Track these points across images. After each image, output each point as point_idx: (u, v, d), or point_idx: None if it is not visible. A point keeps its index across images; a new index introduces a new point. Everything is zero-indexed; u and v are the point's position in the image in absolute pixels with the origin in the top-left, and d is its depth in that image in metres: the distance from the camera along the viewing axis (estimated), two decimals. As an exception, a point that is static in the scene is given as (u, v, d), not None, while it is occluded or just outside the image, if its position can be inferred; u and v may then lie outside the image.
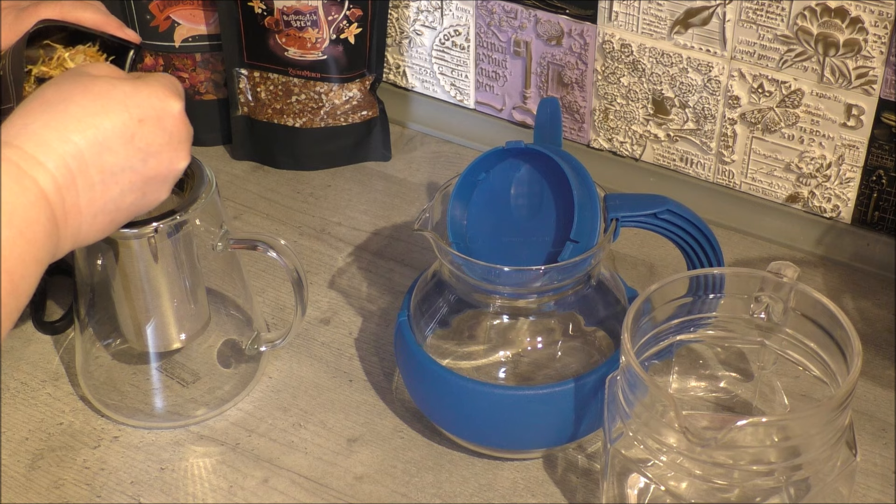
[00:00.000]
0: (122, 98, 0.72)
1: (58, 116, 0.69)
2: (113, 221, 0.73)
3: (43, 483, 0.87)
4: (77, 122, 0.70)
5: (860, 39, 0.94)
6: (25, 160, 0.67)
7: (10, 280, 0.65)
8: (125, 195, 0.73)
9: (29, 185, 0.67)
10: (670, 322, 0.82)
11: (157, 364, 0.92)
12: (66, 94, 0.71)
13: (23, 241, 0.66)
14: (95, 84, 0.72)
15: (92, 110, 0.70)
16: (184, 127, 0.76)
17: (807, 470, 0.73)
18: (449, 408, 0.86)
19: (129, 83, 0.73)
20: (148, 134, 0.73)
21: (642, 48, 1.04)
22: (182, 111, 0.75)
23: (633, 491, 0.80)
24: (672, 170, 1.09)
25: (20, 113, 0.70)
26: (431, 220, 0.85)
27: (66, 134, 0.69)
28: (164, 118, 0.74)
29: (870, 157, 0.99)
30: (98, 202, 0.71)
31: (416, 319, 0.87)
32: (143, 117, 0.72)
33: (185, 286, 0.87)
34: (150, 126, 0.73)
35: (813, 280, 1.02)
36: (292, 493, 0.86)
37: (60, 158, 0.68)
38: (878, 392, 0.92)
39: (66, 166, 0.69)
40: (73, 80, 0.72)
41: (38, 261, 0.67)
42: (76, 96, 0.71)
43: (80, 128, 0.70)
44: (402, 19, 1.15)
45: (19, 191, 0.66)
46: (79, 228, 0.71)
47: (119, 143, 0.71)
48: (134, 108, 0.72)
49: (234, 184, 1.14)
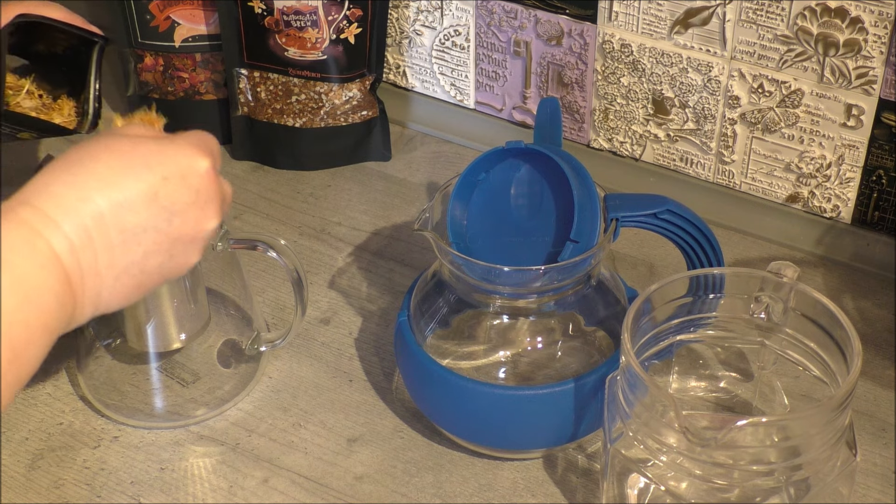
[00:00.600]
0: (146, 156, 0.70)
1: (80, 177, 0.67)
2: (139, 286, 0.70)
3: (43, 483, 0.87)
4: (98, 182, 0.67)
5: (860, 39, 0.94)
6: (41, 220, 0.65)
7: (10, 349, 0.61)
8: (149, 257, 0.70)
9: (41, 248, 0.64)
10: (670, 322, 0.82)
11: (157, 364, 0.92)
12: (91, 154, 0.69)
13: (29, 307, 0.63)
14: (121, 143, 0.70)
15: (115, 170, 0.68)
16: (212, 185, 0.72)
17: (807, 470, 0.73)
18: (449, 408, 0.86)
19: (156, 142, 0.71)
20: (172, 192, 0.70)
21: (642, 48, 1.04)
22: (210, 169, 0.72)
23: (633, 491, 0.80)
24: (672, 170, 1.09)
25: (43, 173, 0.67)
26: (431, 220, 0.85)
27: (87, 193, 0.66)
28: (190, 176, 0.71)
29: (870, 157, 0.99)
30: (119, 264, 0.68)
31: (416, 319, 0.87)
32: (168, 175, 0.70)
33: (185, 286, 0.87)
34: (174, 184, 0.70)
35: (813, 280, 1.02)
36: (292, 493, 0.86)
37: (79, 219, 0.66)
38: (878, 392, 0.92)
39: (84, 227, 0.66)
40: (101, 141, 0.70)
41: (47, 328, 0.64)
42: (101, 156, 0.68)
43: (101, 187, 0.67)
44: (402, 19, 1.15)
45: (30, 253, 0.63)
46: (99, 293, 0.68)
47: (141, 203, 0.68)
48: (157, 166, 0.69)
49: (234, 184, 1.13)
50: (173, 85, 1.15)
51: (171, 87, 1.15)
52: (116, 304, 0.70)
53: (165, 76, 1.15)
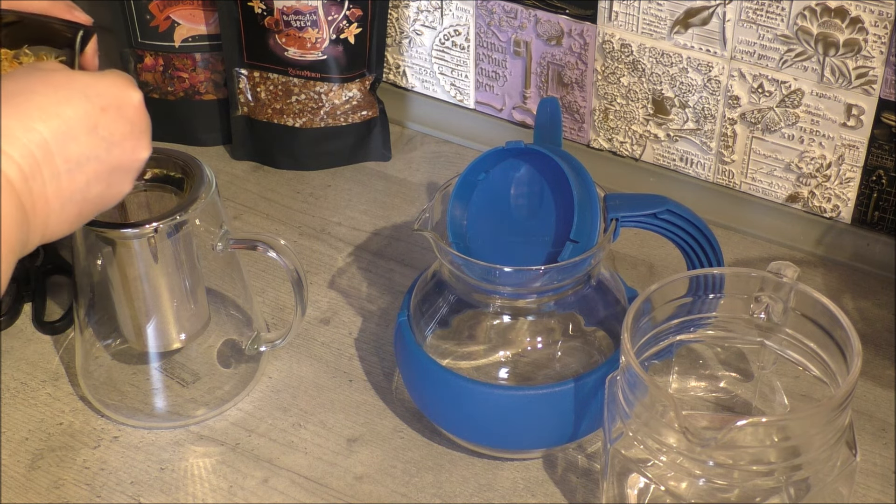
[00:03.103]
0: (83, 88, 0.71)
1: (20, 107, 0.69)
2: (80, 214, 0.72)
3: (43, 483, 0.87)
4: (40, 112, 0.69)
5: (860, 39, 0.94)
6: None
7: None
8: (91, 185, 0.72)
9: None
10: (670, 322, 0.82)
11: (157, 364, 0.92)
12: (25, 85, 0.70)
13: None
14: (54, 76, 0.71)
15: (54, 100, 0.70)
16: (144, 117, 0.75)
17: (807, 470, 0.73)
18: (449, 408, 0.86)
19: (88, 74, 0.73)
20: (110, 123, 0.72)
21: (642, 48, 1.04)
22: (142, 101, 0.75)
23: (633, 491, 0.80)
24: (672, 170, 1.09)
25: None
26: (431, 220, 0.85)
27: (30, 123, 0.68)
28: (125, 107, 0.73)
29: (870, 157, 0.99)
30: (65, 192, 0.70)
31: (416, 319, 0.87)
32: (105, 106, 0.72)
33: (185, 286, 0.87)
34: (112, 115, 0.72)
35: (813, 280, 1.02)
36: (292, 493, 0.86)
37: (25, 148, 0.67)
38: (878, 392, 0.92)
39: (31, 155, 0.68)
40: (29, 73, 0.71)
41: (12, 250, 0.66)
42: (37, 87, 0.70)
43: (44, 117, 0.69)
44: (402, 19, 1.15)
45: None
46: (47, 220, 0.70)
47: (83, 133, 0.71)
48: (95, 97, 0.71)
49: (234, 184, 1.14)
50: (173, 85, 1.15)
51: (171, 87, 1.15)
52: (61, 232, 0.72)
53: (165, 76, 1.15)
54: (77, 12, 0.91)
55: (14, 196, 0.67)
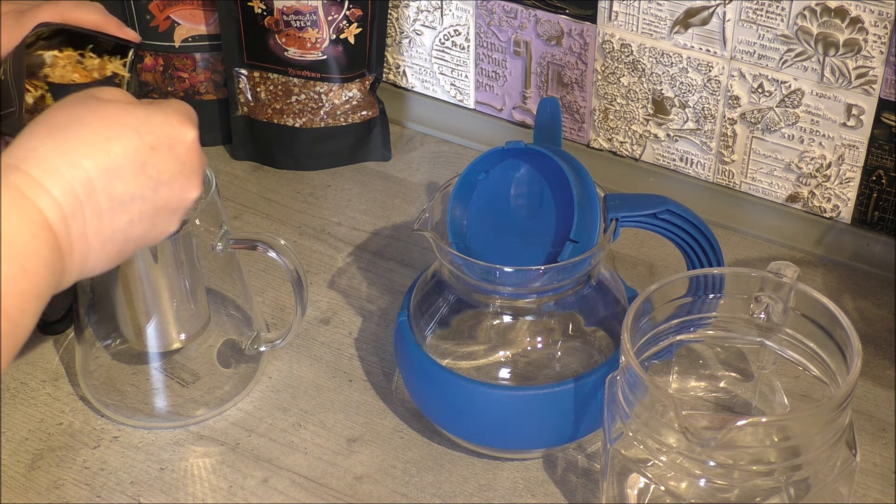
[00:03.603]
0: (135, 124, 0.69)
1: (68, 140, 0.66)
2: (121, 252, 0.70)
3: (43, 483, 0.87)
4: (87, 147, 0.67)
5: (860, 39, 0.94)
6: (30, 186, 0.64)
7: (8, 318, 0.62)
8: (134, 225, 0.69)
9: (33, 215, 0.64)
10: (670, 322, 0.82)
11: (157, 364, 0.92)
12: (76, 117, 0.68)
13: (23, 276, 0.63)
14: (106, 108, 0.69)
15: (104, 135, 0.67)
16: (196, 156, 0.72)
17: (807, 470, 0.73)
18: (449, 408, 0.86)
19: (142, 108, 0.70)
20: (160, 162, 0.70)
21: (642, 48, 1.04)
22: (195, 140, 0.72)
23: (633, 491, 0.80)
24: (672, 170, 1.09)
25: (27, 135, 0.67)
26: (431, 220, 0.85)
27: (76, 159, 0.66)
28: (177, 146, 0.71)
29: (870, 157, 0.99)
30: (106, 231, 0.68)
31: (416, 319, 0.87)
32: (156, 144, 0.69)
33: (184, 286, 0.87)
34: (162, 154, 0.70)
35: (813, 280, 1.02)
36: (292, 493, 0.86)
37: (68, 185, 0.65)
38: (878, 392, 0.92)
39: (73, 193, 0.66)
40: (82, 103, 0.69)
41: (40, 295, 0.64)
42: (88, 119, 0.68)
43: (91, 153, 0.66)
44: (402, 19, 1.15)
45: (21, 221, 0.63)
46: (86, 258, 0.68)
47: (130, 171, 0.68)
48: (146, 134, 0.69)
49: (234, 184, 1.14)
50: (173, 85, 1.15)
51: (171, 87, 1.15)
52: (100, 268, 0.70)
53: (165, 76, 1.15)
54: (127, 30, 0.91)
55: (51, 239, 0.65)
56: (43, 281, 0.64)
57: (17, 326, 0.63)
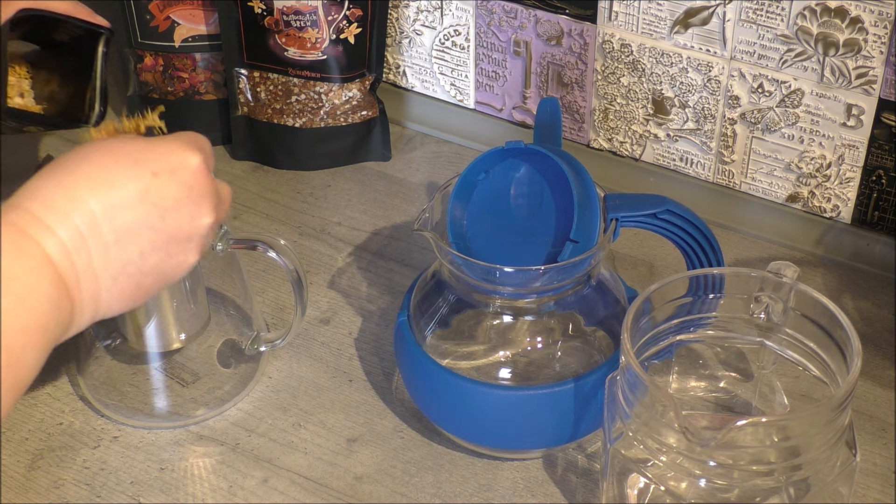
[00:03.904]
0: (135, 154, 0.69)
1: (69, 177, 0.66)
2: (139, 286, 0.69)
3: (43, 483, 0.87)
4: (88, 182, 0.67)
5: (860, 39, 0.94)
6: (30, 223, 0.64)
7: (9, 353, 0.61)
8: (146, 256, 0.69)
9: (32, 251, 0.63)
10: (670, 322, 0.82)
11: (157, 364, 0.92)
12: (80, 155, 0.68)
13: (23, 310, 0.62)
14: (112, 144, 0.69)
15: (104, 168, 0.67)
16: (204, 180, 0.71)
17: (806, 470, 0.73)
18: (449, 408, 0.86)
19: (146, 140, 0.70)
20: (162, 188, 0.69)
21: (642, 48, 1.04)
22: (202, 164, 0.71)
23: (633, 491, 0.80)
24: (672, 170, 1.09)
25: (37, 176, 0.67)
26: (431, 220, 0.85)
27: (76, 192, 0.66)
28: (180, 171, 0.70)
29: (870, 157, 0.99)
30: (115, 264, 0.67)
31: (416, 319, 0.87)
32: (158, 171, 0.69)
33: (184, 286, 0.87)
34: (164, 180, 0.69)
35: (813, 280, 1.02)
36: (292, 493, 0.86)
37: (69, 220, 0.65)
38: (878, 392, 0.92)
39: (75, 228, 0.65)
40: (94, 143, 0.70)
41: (45, 331, 0.63)
42: (90, 156, 0.68)
43: (91, 187, 0.66)
44: (402, 19, 1.15)
45: (20, 256, 0.63)
46: (97, 294, 0.67)
47: (133, 201, 0.68)
48: (147, 162, 0.69)
49: (234, 184, 1.14)
50: (173, 85, 1.15)
51: (170, 87, 1.15)
52: (118, 306, 0.69)
53: (165, 76, 1.15)
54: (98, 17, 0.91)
55: (52, 273, 0.64)
56: (47, 316, 0.64)
57: (19, 362, 0.62)
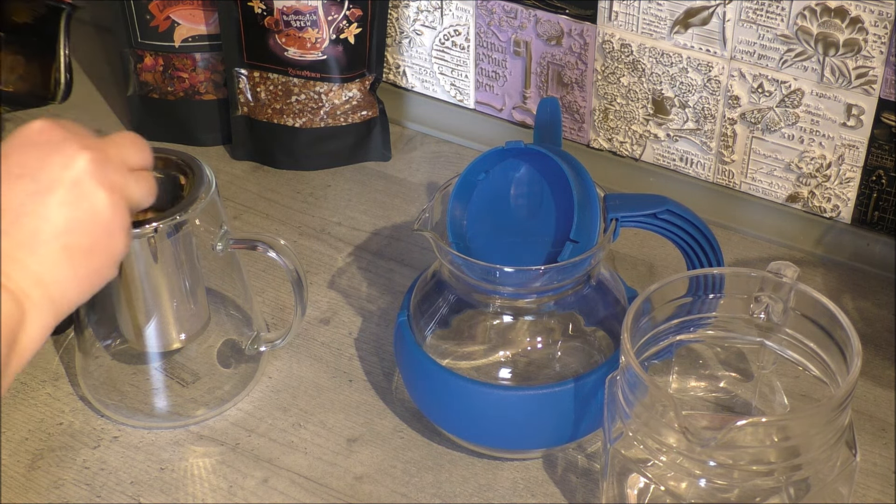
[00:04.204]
0: None
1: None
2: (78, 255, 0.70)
3: (43, 483, 0.87)
4: None
5: (860, 39, 0.94)
6: None
7: None
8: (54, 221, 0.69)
9: None
10: (670, 322, 0.82)
11: (156, 364, 0.92)
12: None
13: None
14: None
15: None
16: (52, 130, 0.71)
17: (806, 470, 0.73)
18: (449, 408, 0.86)
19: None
20: (20, 157, 0.69)
21: (642, 48, 1.04)
22: (44, 122, 0.71)
23: (633, 491, 0.80)
24: (672, 170, 1.09)
25: None
26: (431, 220, 0.85)
27: None
28: (23, 132, 0.70)
29: (870, 157, 0.99)
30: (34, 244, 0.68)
31: (416, 319, 0.87)
32: (6, 144, 0.70)
33: (184, 286, 0.87)
34: (16, 151, 0.69)
35: (813, 280, 1.02)
36: (292, 493, 0.86)
37: None
38: (878, 392, 0.92)
39: None
40: None
41: None
42: None
43: None
44: (402, 19, 1.15)
45: None
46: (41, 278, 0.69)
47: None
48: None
49: (234, 184, 1.14)
50: (173, 85, 1.15)
51: (170, 87, 1.15)
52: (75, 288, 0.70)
53: (165, 76, 1.15)
54: None
55: None
56: None
57: None
